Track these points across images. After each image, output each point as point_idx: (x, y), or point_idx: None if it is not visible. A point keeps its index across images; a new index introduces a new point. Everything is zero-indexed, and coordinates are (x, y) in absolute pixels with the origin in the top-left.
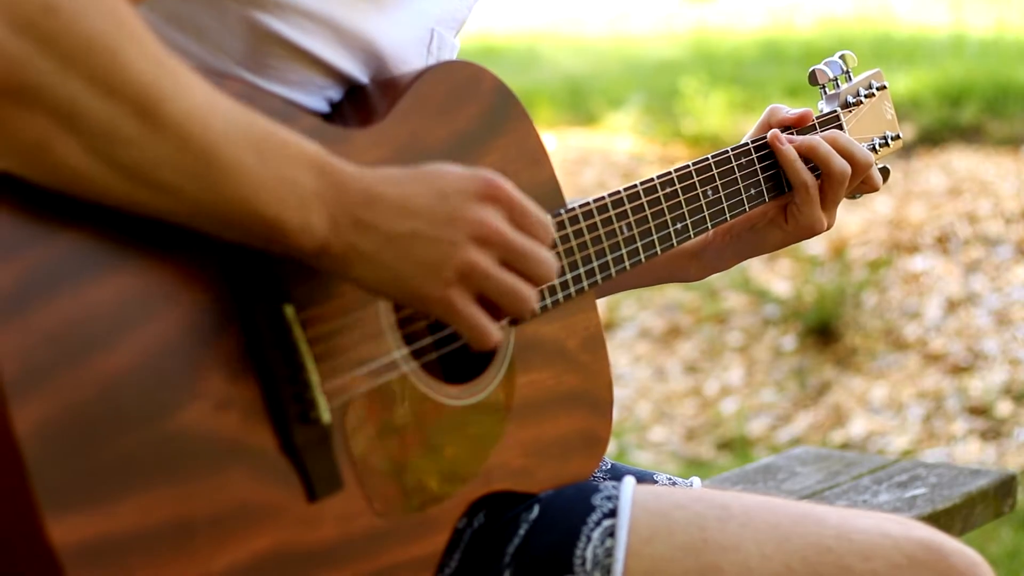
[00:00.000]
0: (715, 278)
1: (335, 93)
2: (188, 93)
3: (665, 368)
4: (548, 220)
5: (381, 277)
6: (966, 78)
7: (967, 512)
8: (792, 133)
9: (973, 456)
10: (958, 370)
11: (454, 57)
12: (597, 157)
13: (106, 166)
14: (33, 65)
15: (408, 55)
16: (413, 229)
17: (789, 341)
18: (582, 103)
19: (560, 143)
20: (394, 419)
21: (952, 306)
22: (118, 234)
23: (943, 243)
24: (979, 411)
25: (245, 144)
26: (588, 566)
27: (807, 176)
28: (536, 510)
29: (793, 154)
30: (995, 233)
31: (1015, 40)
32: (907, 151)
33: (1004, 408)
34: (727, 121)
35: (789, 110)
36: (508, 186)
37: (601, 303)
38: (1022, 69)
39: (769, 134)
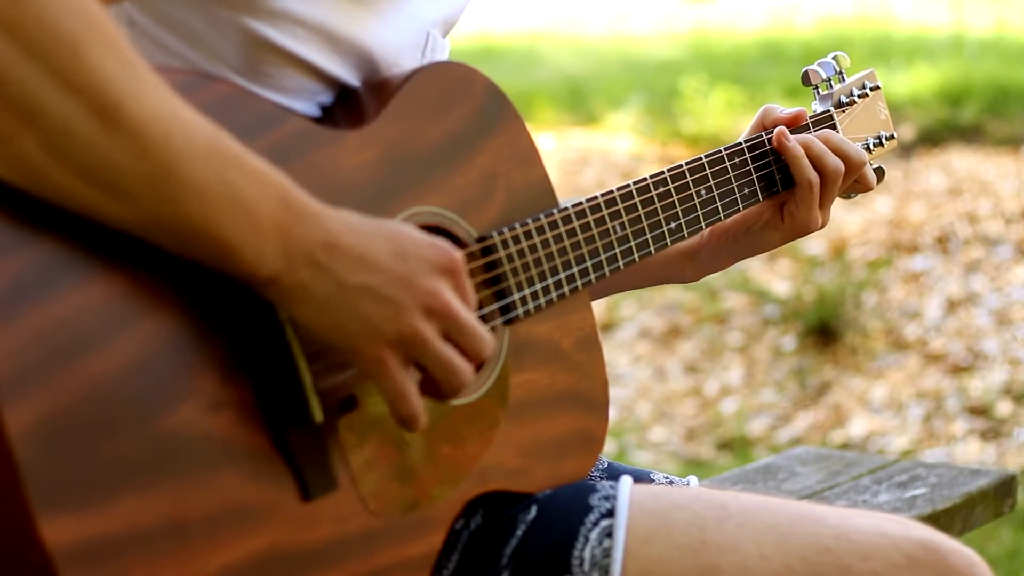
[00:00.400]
0: (714, 278)
1: (328, 99)
2: (152, 100)
3: (665, 368)
4: (475, 300)
5: (322, 322)
6: (966, 78)
7: (967, 512)
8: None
9: (973, 456)
10: (958, 370)
11: (446, 58)
12: (597, 157)
13: (63, 165)
14: None
15: (403, 59)
16: (367, 283)
17: (789, 341)
18: (582, 103)
19: (560, 143)
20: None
21: (952, 306)
22: (108, 236)
23: (943, 243)
24: (979, 411)
25: (207, 161)
26: (586, 567)
27: (812, 174)
28: (534, 511)
29: (800, 151)
30: (995, 233)
31: (1015, 40)
32: (907, 151)
33: (1004, 408)
34: (727, 121)
35: (783, 110)
36: (462, 263)
37: (600, 303)
38: (1022, 69)
39: (776, 131)
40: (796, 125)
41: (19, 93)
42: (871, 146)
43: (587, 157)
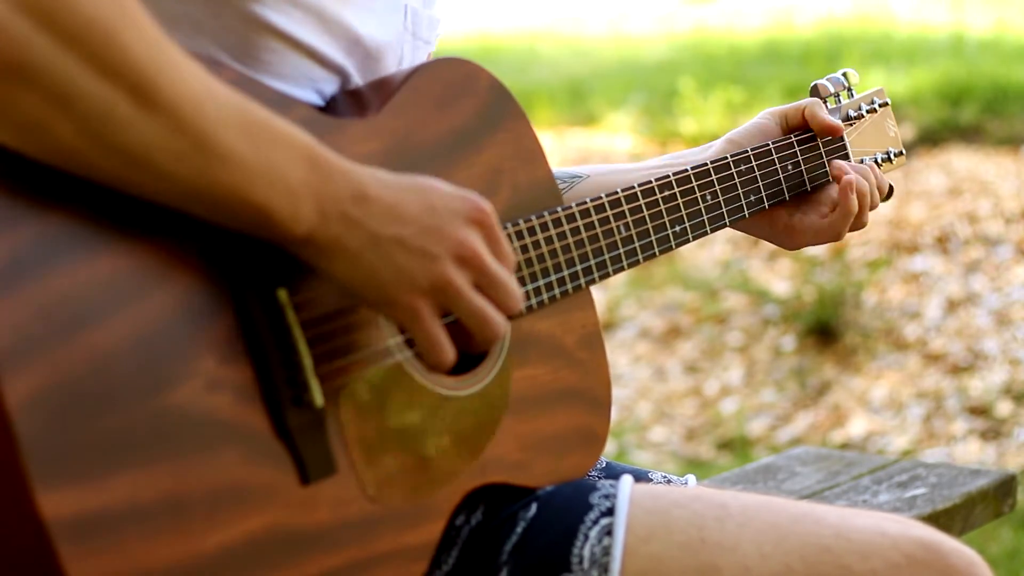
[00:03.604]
0: (715, 278)
1: (327, 87)
2: (184, 77)
3: (665, 368)
4: (514, 256)
5: (358, 275)
6: (966, 78)
7: (967, 512)
8: (806, 140)
9: (973, 456)
10: (958, 370)
11: (434, 31)
12: (597, 157)
13: (100, 147)
14: (32, 44)
15: (385, 33)
16: (398, 235)
17: (789, 341)
18: (582, 103)
19: (560, 143)
20: (389, 406)
21: (952, 306)
22: (113, 212)
23: (943, 243)
24: (979, 411)
25: (238, 130)
26: (586, 565)
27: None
28: (534, 508)
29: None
30: (995, 233)
31: (1015, 40)
32: (907, 151)
33: (1004, 408)
34: (726, 121)
35: (828, 116)
36: (493, 214)
37: (600, 302)
38: (1022, 69)
39: (845, 181)
40: (835, 135)
41: (57, 81)
42: (879, 161)
43: (587, 157)
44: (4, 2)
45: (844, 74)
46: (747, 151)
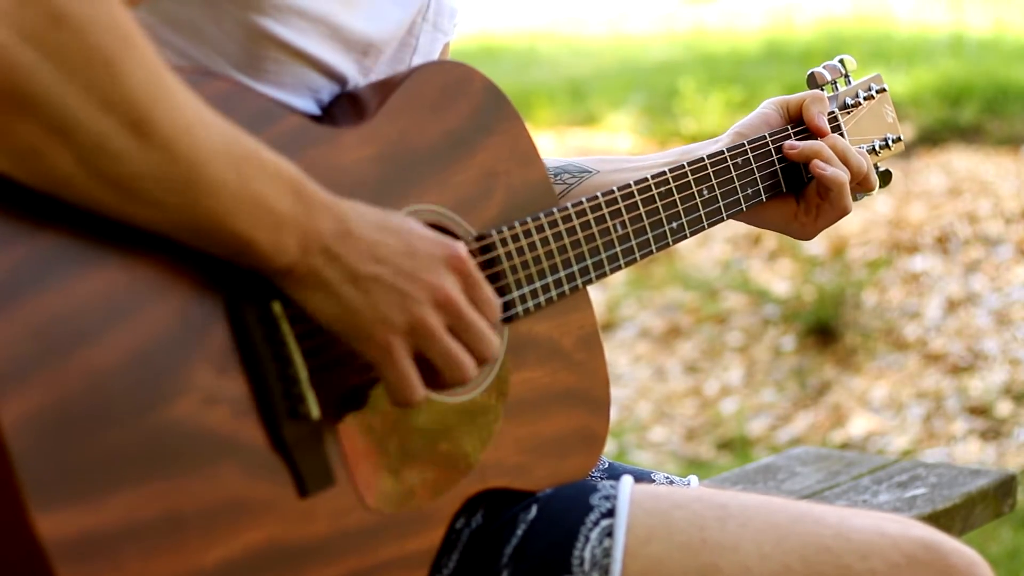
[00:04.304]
0: (715, 278)
1: (326, 94)
2: (181, 109)
3: (665, 368)
4: (498, 301)
5: (334, 310)
6: (966, 78)
7: (967, 512)
8: (803, 136)
9: (973, 456)
10: (958, 370)
11: (453, 21)
12: None
13: (94, 177)
14: (35, 74)
15: (397, 29)
16: (377, 274)
17: (789, 341)
18: (582, 103)
19: (560, 143)
20: (386, 415)
21: (952, 306)
22: (106, 230)
23: (943, 243)
24: (979, 411)
25: (227, 162)
26: (586, 566)
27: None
28: (534, 510)
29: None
30: (995, 233)
31: (1015, 40)
32: (907, 151)
33: (1004, 408)
34: (726, 121)
35: (822, 116)
36: (470, 261)
37: (600, 303)
38: (1022, 69)
39: (812, 163)
40: (820, 135)
41: (56, 112)
42: (877, 148)
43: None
44: (8, 29)
45: (841, 61)
46: (744, 144)
